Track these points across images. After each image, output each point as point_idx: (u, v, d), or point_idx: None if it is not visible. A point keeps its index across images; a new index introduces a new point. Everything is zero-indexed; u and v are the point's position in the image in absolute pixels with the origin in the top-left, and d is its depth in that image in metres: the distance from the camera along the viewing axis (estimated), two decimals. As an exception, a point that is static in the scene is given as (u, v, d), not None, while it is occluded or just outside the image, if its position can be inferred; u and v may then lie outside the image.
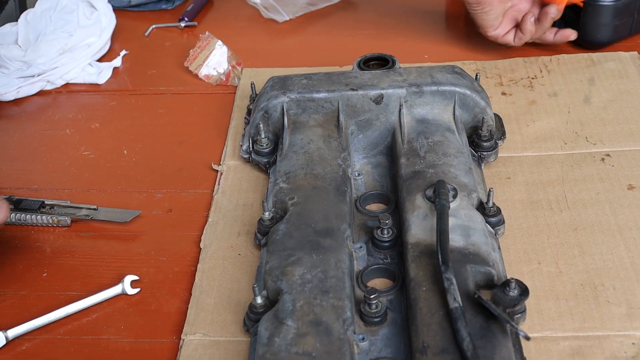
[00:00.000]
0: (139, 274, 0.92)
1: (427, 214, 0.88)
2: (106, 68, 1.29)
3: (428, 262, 0.82)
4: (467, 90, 1.02)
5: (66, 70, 1.26)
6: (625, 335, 0.81)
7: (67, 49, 1.26)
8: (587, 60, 1.21)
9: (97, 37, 1.30)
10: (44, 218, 0.99)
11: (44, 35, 1.28)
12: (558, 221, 0.94)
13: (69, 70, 1.26)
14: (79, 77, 1.27)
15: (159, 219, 1.01)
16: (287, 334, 0.76)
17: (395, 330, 0.81)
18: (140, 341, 0.86)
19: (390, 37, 1.34)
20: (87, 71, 1.28)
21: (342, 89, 1.03)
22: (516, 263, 0.89)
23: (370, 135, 1.03)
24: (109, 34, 1.33)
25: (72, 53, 1.27)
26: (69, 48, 1.26)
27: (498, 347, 0.74)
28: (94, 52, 1.29)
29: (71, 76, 1.27)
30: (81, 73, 1.28)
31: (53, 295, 0.91)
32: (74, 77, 1.27)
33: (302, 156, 0.98)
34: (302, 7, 1.42)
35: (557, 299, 0.85)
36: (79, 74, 1.27)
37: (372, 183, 1.00)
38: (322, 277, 0.81)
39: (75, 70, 1.27)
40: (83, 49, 1.28)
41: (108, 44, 1.34)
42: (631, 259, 0.89)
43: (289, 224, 0.88)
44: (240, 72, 1.26)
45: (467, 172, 0.94)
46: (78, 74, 1.27)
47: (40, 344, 0.86)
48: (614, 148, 1.04)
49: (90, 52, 1.29)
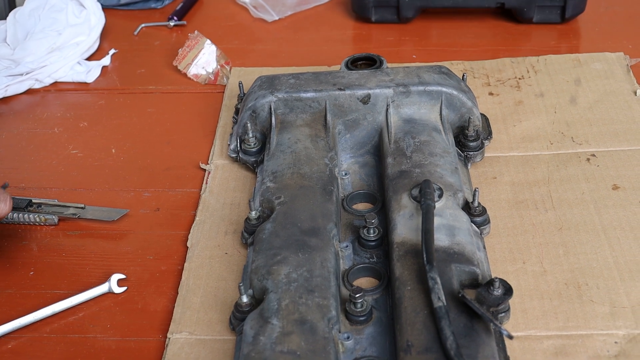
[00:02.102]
0: (125, 272, 0.92)
1: (413, 213, 0.88)
2: (95, 67, 1.29)
3: (413, 262, 0.83)
4: (453, 90, 1.03)
5: (55, 69, 1.26)
6: (608, 334, 0.81)
7: (56, 47, 1.26)
8: (573, 61, 1.22)
9: (86, 36, 1.30)
10: (31, 216, 0.99)
11: (32, 33, 1.28)
12: (543, 221, 0.95)
13: (58, 69, 1.26)
14: (67, 76, 1.28)
15: (146, 217, 1.01)
16: (272, 332, 0.76)
17: (380, 329, 0.82)
18: (127, 340, 0.86)
19: (378, 37, 1.34)
20: (75, 70, 1.28)
21: (329, 89, 1.03)
22: (501, 262, 0.90)
23: (357, 135, 1.03)
24: (98, 32, 1.33)
25: (60, 52, 1.27)
26: (58, 47, 1.27)
27: (482, 345, 0.74)
28: (82, 50, 1.30)
29: (60, 75, 1.27)
30: (70, 72, 1.28)
31: (40, 294, 0.91)
32: (63, 75, 1.27)
33: (290, 155, 0.98)
34: (291, 6, 1.42)
35: (542, 298, 0.85)
36: (68, 73, 1.27)
37: (359, 182, 1.01)
38: (307, 276, 0.82)
39: (63, 69, 1.27)
40: (72, 47, 1.28)
41: (97, 43, 1.34)
42: (615, 258, 0.89)
43: (276, 223, 0.89)
44: (229, 71, 1.26)
45: (453, 171, 0.94)
46: (67, 73, 1.27)
47: (26, 342, 0.86)
48: (600, 148, 1.05)
49: (79, 51, 1.29)
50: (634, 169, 1.01)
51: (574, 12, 1.32)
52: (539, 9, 1.32)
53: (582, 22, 1.34)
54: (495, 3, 1.33)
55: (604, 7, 1.38)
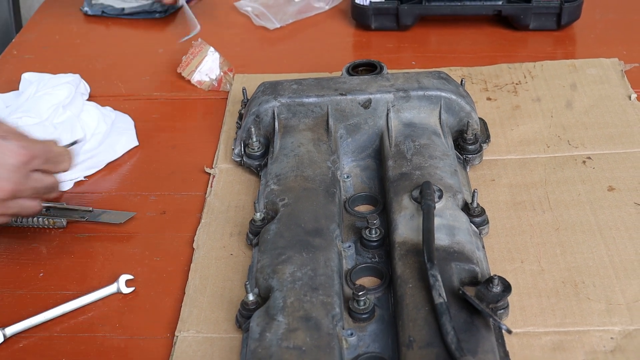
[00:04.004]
0: (133, 273, 0.94)
1: (414, 214, 0.90)
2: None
3: (414, 260, 0.85)
4: (452, 95, 1.05)
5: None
6: (604, 330, 0.84)
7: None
8: (569, 67, 1.25)
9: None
10: (40, 220, 1.01)
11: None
12: (540, 221, 0.97)
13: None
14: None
15: (153, 220, 1.03)
16: (278, 329, 0.78)
17: (382, 326, 0.84)
18: (135, 338, 0.88)
19: (378, 44, 1.37)
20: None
21: (331, 94, 1.06)
22: (500, 261, 0.92)
23: (358, 139, 1.06)
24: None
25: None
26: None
27: (481, 340, 0.76)
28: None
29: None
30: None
31: (49, 295, 0.93)
32: None
33: (293, 159, 1.00)
34: (292, 14, 1.44)
35: (539, 295, 0.88)
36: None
37: (361, 185, 1.03)
38: (311, 274, 0.84)
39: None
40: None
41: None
42: (610, 257, 0.92)
43: (280, 224, 0.91)
44: (232, 78, 1.29)
45: (453, 174, 0.96)
46: None
47: (37, 341, 0.88)
48: (595, 151, 1.07)
49: None
50: (628, 171, 1.03)
51: (570, 19, 1.35)
52: (535, 16, 1.34)
53: (577, 28, 1.37)
54: (493, 10, 1.35)
55: (599, 14, 1.41)
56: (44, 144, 0.90)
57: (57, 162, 0.92)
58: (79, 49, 1.41)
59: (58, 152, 0.91)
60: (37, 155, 0.87)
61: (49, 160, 0.90)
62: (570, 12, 1.33)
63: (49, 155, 0.90)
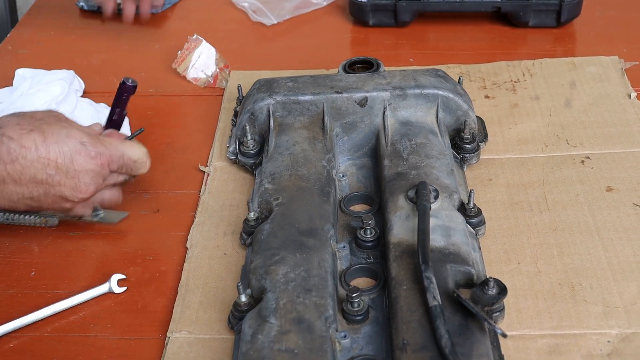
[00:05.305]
0: (125, 273, 0.93)
1: (409, 214, 0.89)
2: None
3: (409, 262, 0.84)
4: (449, 93, 1.04)
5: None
6: (602, 333, 0.83)
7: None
8: (568, 65, 1.24)
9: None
10: (32, 218, 1.00)
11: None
12: (538, 222, 0.96)
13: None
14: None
15: (146, 219, 1.02)
16: (270, 331, 0.77)
17: (376, 328, 0.83)
18: (127, 339, 0.87)
19: (376, 41, 1.36)
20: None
21: (327, 92, 1.05)
22: (496, 263, 0.91)
23: (354, 137, 1.05)
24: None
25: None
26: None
27: (476, 344, 0.75)
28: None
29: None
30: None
31: (41, 294, 0.92)
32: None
33: (288, 157, 0.99)
34: (289, 10, 1.43)
35: (536, 298, 0.87)
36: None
37: (356, 184, 1.02)
38: (305, 276, 0.83)
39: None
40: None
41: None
42: (608, 259, 0.90)
43: (274, 224, 0.90)
44: (227, 74, 1.28)
45: (449, 173, 0.95)
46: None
47: (27, 341, 0.87)
48: (594, 151, 1.06)
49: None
50: (627, 171, 1.02)
51: (570, 17, 1.34)
52: (534, 13, 1.33)
53: (577, 26, 1.36)
54: (492, 7, 1.34)
55: (599, 11, 1.40)
56: (116, 147, 0.95)
57: (133, 168, 0.97)
58: (74, 44, 1.40)
59: (129, 155, 0.96)
60: (113, 160, 0.94)
61: (125, 165, 0.96)
62: (570, 9, 1.32)
63: (124, 160, 0.96)
